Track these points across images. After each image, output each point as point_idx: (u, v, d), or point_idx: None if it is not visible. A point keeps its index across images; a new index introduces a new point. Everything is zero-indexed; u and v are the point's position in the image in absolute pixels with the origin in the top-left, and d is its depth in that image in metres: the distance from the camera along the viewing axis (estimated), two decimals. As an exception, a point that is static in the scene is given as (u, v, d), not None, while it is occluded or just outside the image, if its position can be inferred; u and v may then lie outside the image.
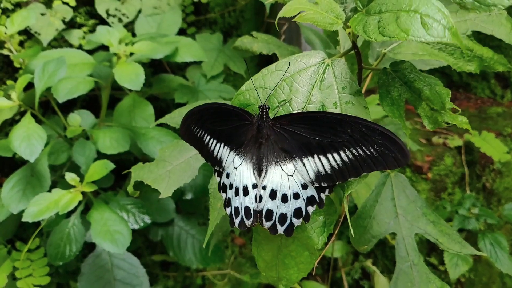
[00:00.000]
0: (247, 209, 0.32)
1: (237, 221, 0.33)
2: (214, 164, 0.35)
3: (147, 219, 0.64)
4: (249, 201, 0.32)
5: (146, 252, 0.80)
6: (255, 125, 0.33)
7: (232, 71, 0.83)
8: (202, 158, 0.36)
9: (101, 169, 0.57)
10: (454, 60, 0.39)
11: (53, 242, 0.60)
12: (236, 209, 0.33)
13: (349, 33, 0.34)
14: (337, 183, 0.31)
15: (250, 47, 0.51)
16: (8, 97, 0.60)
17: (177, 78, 0.77)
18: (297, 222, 0.32)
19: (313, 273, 0.36)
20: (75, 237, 0.60)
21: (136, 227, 0.63)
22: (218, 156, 0.34)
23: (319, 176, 0.31)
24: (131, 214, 0.64)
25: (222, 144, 0.34)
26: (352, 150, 0.30)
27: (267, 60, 0.90)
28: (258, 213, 0.32)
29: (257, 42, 0.51)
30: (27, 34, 0.76)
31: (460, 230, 0.84)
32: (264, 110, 0.33)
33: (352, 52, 0.37)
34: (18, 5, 0.76)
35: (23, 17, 0.67)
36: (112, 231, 0.55)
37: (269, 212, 0.32)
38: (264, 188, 0.32)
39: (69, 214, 0.62)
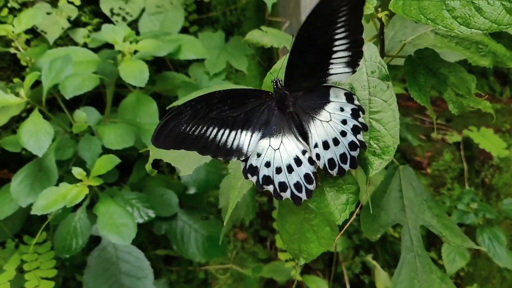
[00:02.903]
0: (307, 176, 0.33)
1: (303, 195, 0.33)
2: (228, 156, 0.33)
3: (151, 213, 0.66)
4: (305, 168, 0.33)
5: (150, 246, 0.81)
6: (276, 99, 0.34)
7: (234, 68, 0.85)
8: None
9: (107, 163, 0.58)
10: (470, 54, 0.40)
11: (60, 235, 0.62)
12: (298, 184, 0.33)
13: (380, 18, 0.35)
14: (361, 53, 0.32)
15: (261, 40, 0.52)
16: (16, 94, 0.62)
17: (180, 76, 0.78)
18: (355, 153, 0.33)
19: (335, 249, 0.38)
20: (81, 231, 0.62)
21: (140, 221, 0.65)
22: (235, 146, 0.33)
23: (349, 63, 0.32)
24: (136, 208, 0.66)
25: (239, 131, 0.34)
26: (340, 28, 0.31)
27: (269, 58, 0.92)
28: (322, 170, 0.34)
29: (267, 36, 0.52)
30: (33, 33, 0.78)
31: (459, 224, 0.85)
32: (278, 82, 0.34)
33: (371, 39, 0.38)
34: (24, 5, 0.77)
35: (30, 16, 0.69)
36: (118, 224, 0.57)
37: (331, 161, 0.33)
38: (316, 146, 0.34)
39: (75, 209, 0.64)
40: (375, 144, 0.33)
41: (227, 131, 0.33)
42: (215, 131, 0.33)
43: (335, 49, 0.32)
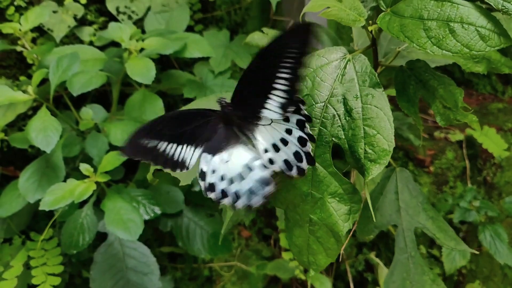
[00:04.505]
0: (262, 179, 0.34)
1: (258, 199, 0.33)
2: (174, 168, 0.36)
3: (157, 210, 0.66)
4: (259, 172, 0.34)
5: (155, 244, 0.82)
6: (222, 115, 0.36)
7: (238, 67, 0.85)
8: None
9: (114, 159, 0.59)
10: (464, 61, 0.41)
11: (67, 231, 0.62)
12: (252, 190, 0.34)
13: (371, 30, 0.36)
14: (295, 93, 0.33)
15: (261, 43, 0.52)
16: (23, 92, 0.63)
17: (185, 74, 0.79)
18: (308, 149, 0.33)
19: (340, 259, 0.38)
20: (88, 227, 0.62)
21: (146, 217, 0.65)
22: (180, 159, 0.36)
23: (282, 107, 0.34)
24: (142, 205, 0.66)
25: (185, 146, 0.36)
26: (284, 69, 0.32)
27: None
28: (282, 173, 0.34)
29: (267, 38, 0.53)
30: (39, 31, 0.78)
31: (461, 222, 0.85)
32: (222, 101, 0.36)
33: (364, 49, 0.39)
34: (30, 3, 0.78)
35: (37, 14, 0.69)
36: (125, 219, 0.57)
37: (287, 162, 0.34)
38: (266, 151, 0.34)
39: (82, 205, 0.64)
40: (370, 150, 0.33)
41: (174, 146, 0.36)
42: (164, 145, 0.35)
43: (275, 86, 0.33)
